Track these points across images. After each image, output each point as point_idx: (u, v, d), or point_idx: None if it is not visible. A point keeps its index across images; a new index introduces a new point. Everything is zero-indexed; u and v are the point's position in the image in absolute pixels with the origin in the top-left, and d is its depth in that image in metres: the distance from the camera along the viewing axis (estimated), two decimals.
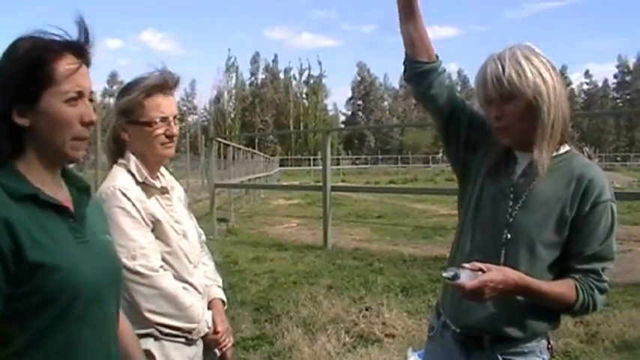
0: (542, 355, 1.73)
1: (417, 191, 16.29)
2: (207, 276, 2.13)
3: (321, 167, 9.63)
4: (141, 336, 1.83)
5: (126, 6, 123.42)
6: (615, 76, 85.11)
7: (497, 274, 1.54)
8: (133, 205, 1.85)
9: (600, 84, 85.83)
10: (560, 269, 1.67)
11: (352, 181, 32.16)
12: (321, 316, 4.92)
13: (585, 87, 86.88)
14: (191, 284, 1.96)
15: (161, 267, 1.86)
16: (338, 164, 46.92)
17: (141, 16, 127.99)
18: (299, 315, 4.97)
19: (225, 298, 2.20)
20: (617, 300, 5.20)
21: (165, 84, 1.94)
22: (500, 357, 1.70)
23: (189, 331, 1.94)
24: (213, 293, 2.14)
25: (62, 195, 1.29)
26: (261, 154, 31.42)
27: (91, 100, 1.27)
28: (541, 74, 1.61)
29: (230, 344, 2.12)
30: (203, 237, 2.23)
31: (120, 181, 1.89)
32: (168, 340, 1.89)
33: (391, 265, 7.00)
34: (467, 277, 1.52)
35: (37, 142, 1.23)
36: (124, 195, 1.85)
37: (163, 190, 2.00)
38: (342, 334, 4.49)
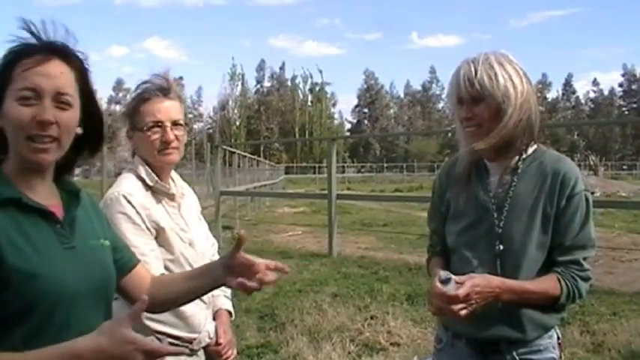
0: (555, 351, 1.77)
1: (422, 199, 15.99)
2: None
3: (326, 175, 9.60)
4: None
5: (131, 14, 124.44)
6: (621, 85, 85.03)
7: (482, 279, 1.59)
8: (137, 211, 1.84)
9: (606, 92, 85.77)
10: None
11: (357, 189, 32.07)
12: (326, 325, 4.90)
13: (592, 95, 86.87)
14: None
15: (162, 275, 1.84)
16: (343, 172, 46.93)
17: (146, 23, 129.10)
18: (304, 323, 4.95)
19: (232, 309, 2.16)
20: (623, 309, 5.18)
21: (160, 88, 1.91)
22: (517, 358, 1.72)
23: (190, 341, 1.92)
24: (219, 303, 2.12)
25: (52, 200, 1.26)
26: (267, 161, 31.41)
27: (62, 102, 1.20)
28: (512, 80, 1.66)
29: (232, 356, 2.09)
30: (215, 245, 2.20)
31: (125, 187, 1.87)
32: None
33: (396, 274, 6.96)
34: (454, 288, 1.56)
35: (10, 145, 1.21)
36: (128, 201, 1.83)
37: (171, 197, 1.98)
38: (347, 342, 4.47)
